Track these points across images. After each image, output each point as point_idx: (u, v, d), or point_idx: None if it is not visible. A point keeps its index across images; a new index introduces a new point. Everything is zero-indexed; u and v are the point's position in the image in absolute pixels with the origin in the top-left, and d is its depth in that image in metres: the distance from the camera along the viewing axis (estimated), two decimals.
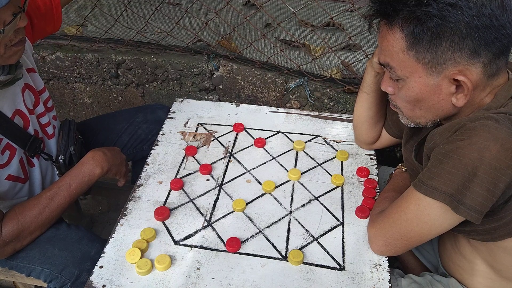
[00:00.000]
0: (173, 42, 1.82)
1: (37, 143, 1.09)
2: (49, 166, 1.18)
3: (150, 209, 1.06)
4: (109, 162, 1.11)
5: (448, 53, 0.76)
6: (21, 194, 1.09)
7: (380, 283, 0.91)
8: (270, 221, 1.04)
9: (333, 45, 1.67)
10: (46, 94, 1.18)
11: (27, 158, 1.09)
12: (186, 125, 1.33)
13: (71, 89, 1.96)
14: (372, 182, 1.12)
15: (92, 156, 1.10)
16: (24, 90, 1.07)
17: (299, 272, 0.93)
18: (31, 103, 1.10)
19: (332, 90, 1.65)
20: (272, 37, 1.89)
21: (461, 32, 0.74)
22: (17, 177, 1.06)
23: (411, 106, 0.88)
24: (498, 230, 0.85)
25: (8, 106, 1.02)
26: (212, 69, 1.76)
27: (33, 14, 1.11)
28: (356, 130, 1.23)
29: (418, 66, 0.80)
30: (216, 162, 1.20)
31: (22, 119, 1.06)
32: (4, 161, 1.02)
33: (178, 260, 0.95)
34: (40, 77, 1.16)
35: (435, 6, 0.74)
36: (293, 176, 1.15)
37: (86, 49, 1.84)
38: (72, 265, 1.03)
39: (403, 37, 0.79)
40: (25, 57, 1.09)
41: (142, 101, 1.94)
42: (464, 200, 0.77)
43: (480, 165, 0.74)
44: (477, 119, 0.77)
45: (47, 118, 1.16)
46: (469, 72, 0.77)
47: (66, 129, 1.20)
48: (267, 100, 1.76)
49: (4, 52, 0.91)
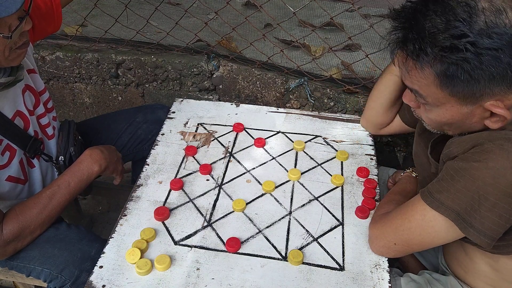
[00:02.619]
0: (173, 42, 1.82)
1: (37, 144, 1.09)
2: (49, 167, 1.18)
3: (150, 209, 1.06)
4: (107, 159, 1.12)
5: (486, 88, 0.71)
6: (22, 195, 1.10)
7: (380, 283, 0.91)
8: (270, 221, 1.04)
9: (333, 45, 1.67)
10: (47, 95, 1.18)
11: (27, 159, 1.09)
12: (186, 125, 1.33)
13: (71, 89, 1.96)
14: (372, 182, 1.12)
15: (90, 154, 1.10)
16: (24, 91, 1.07)
17: (299, 272, 0.93)
18: (31, 104, 1.10)
19: (332, 90, 1.65)
20: (272, 37, 1.89)
21: (502, 70, 0.69)
22: (18, 178, 1.06)
23: (438, 125, 0.84)
24: (507, 247, 0.84)
25: (9, 107, 1.02)
26: (212, 69, 1.76)
27: (34, 15, 1.11)
28: (370, 111, 1.19)
29: (451, 98, 0.75)
30: (216, 162, 1.20)
31: (22, 120, 1.06)
32: (4, 162, 1.02)
33: (178, 260, 0.95)
34: (40, 78, 1.16)
35: (473, 50, 0.67)
36: (293, 176, 1.15)
37: (86, 49, 1.83)
38: (72, 265, 1.03)
39: (434, 76, 0.73)
40: (25, 58, 1.09)
41: (142, 101, 1.94)
42: (473, 222, 0.76)
43: (493, 190, 0.72)
44: (497, 139, 0.74)
45: (47, 119, 1.16)
46: (506, 99, 0.73)
47: (66, 130, 1.20)
48: (267, 100, 1.76)
49: (9, 55, 0.91)
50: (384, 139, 1.71)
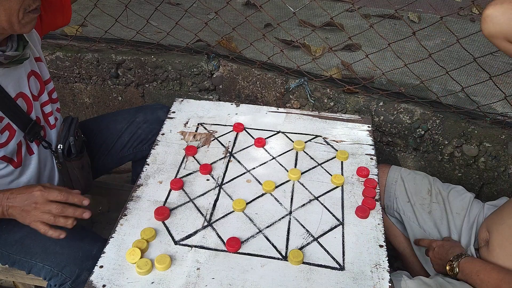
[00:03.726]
0: (173, 42, 1.83)
1: (37, 128, 1.10)
2: (48, 157, 1.17)
3: (150, 209, 1.06)
4: (9, 204, 0.94)
5: None
6: (8, 179, 1.07)
7: (380, 283, 0.91)
8: (270, 221, 1.04)
9: (333, 45, 1.67)
10: (52, 85, 1.19)
11: (26, 145, 1.09)
12: (186, 125, 1.33)
13: (71, 89, 1.96)
14: (372, 182, 1.12)
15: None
16: (29, 76, 1.09)
17: (299, 272, 0.93)
18: (36, 90, 1.11)
19: (332, 90, 1.65)
20: (272, 37, 1.89)
21: None
22: (10, 159, 1.05)
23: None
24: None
25: (12, 87, 1.03)
26: (212, 69, 1.76)
27: (42, 5, 1.12)
28: None
29: None
30: (216, 162, 1.20)
31: (25, 103, 1.07)
32: (2, 141, 1.02)
33: (178, 260, 0.95)
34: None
35: None
36: (293, 176, 1.15)
37: (86, 49, 1.84)
38: (73, 263, 1.03)
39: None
40: (33, 46, 1.11)
41: (142, 101, 1.94)
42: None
43: None
44: None
45: (50, 108, 1.17)
46: None
47: (68, 122, 1.20)
48: (267, 100, 1.76)
49: (23, 17, 0.93)
50: (384, 139, 1.71)
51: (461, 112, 1.59)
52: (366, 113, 1.65)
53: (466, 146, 1.58)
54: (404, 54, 1.87)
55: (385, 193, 1.34)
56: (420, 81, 1.58)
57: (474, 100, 1.57)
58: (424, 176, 1.34)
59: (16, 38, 1.01)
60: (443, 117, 1.58)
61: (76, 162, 1.18)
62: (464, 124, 1.55)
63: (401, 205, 1.31)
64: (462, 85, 1.53)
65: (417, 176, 1.33)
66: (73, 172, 1.19)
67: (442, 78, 1.67)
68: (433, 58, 1.48)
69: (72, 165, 1.18)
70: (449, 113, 1.59)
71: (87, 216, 0.95)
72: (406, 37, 1.54)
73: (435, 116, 1.59)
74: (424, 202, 1.29)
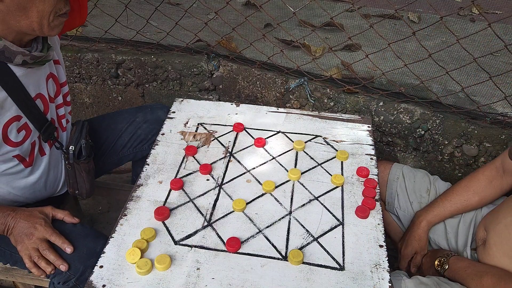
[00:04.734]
0: (173, 42, 1.83)
1: (52, 129, 1.12)
2: (58, 159, 1.19)
3: (150, 209, 1.06)
4: (7, 228, 1.02)
5: None
6: (18, 176, 1.10)
7: (380, 283, 0.91)
8: (270, 221, 1.04)
9: (333, 45, 1.67)
10: (66, 88, 1.21)
11: (39, 145, 1.11)
12: (186, 125, 1.33)
13: (71, 89, 1.96)
14: (372, 182, 1.12)
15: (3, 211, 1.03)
16: (48, 78, 1.11)
17: (299, 272, 0.93)
18: (53, 92, 1.13)
19: (332, 90, 1.65)
20: (272, 37, 1.89)
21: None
22: (23, 158, 1.08)
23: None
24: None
25: (32, 87, 1.05)
26: (212, 69, 1.76)
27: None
28: None
29: None
30: (216, 162, 1.20)
31: (43, 104, 1.09)
32: (19, 140, 1.04)
33: (178, 260, 0.95)
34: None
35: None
36: (293, 176, 1.15)
37: (86, 49, 1.84)
38: (78, 261, 1.04)
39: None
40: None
41: (142, 101, 1.94)
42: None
43: None
44: None
45: (63, 110, 1.19)
46: None
47: (80, 125, 1.23)
48: (267, 100, 1.76)
49: (52, 20, 0.94)
50: (384, 139, 1.71)
51: (461, 112, 1.59)
52: (366, 113, 1.65)
53: (466, 146, 1.58)
54: (404, 54, 1.87)
55: (387, 189, 1.35)
56: (420, 81, 1.58)
57: (474, 100, 1.57)
58: (424, 174, 1.34)
59: (41, 40, 1.03)
60: (443, 117, 1.58)
61: (84, 165, 1.19)
62: (464, 124, 1.55)
63: (401, 202, 1.32)
64: (462, 85, 1.53)
65: (417, 174, 1.34)
66: (80, 174, 1.20)
67: (442, 78, 1.67)
68: (433, 58, 1.48)
69: (80, 167, 1.19)
70: (449, 113, 1.59)
71: (63, 269, 1.02)
72: (406, 37, 1.54)
73: (435, 116, 1.59)
74: (422, 201, 1.29)
